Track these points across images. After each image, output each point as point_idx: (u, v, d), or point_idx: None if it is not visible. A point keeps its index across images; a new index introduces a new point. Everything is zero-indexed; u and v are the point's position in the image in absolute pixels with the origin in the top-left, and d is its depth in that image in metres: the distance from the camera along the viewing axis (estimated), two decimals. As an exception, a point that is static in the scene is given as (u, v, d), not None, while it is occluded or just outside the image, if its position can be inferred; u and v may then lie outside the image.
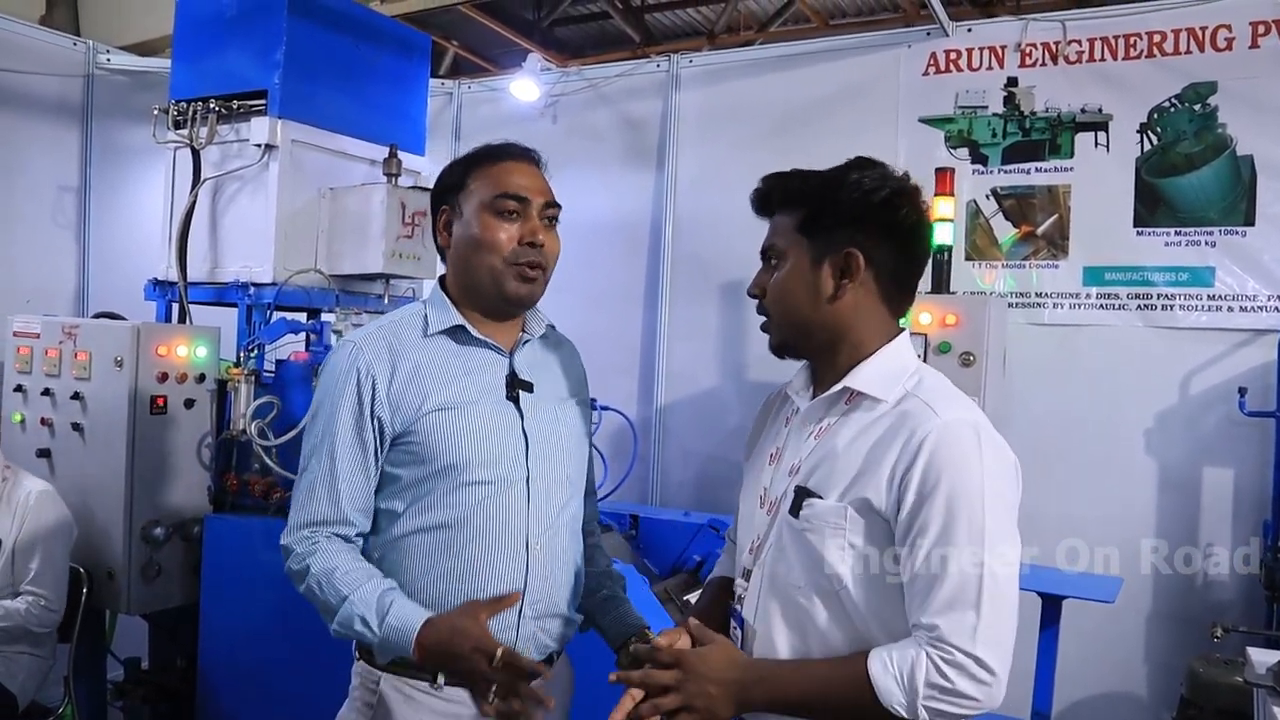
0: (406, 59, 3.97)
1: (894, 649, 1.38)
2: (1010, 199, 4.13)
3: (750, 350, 4.53)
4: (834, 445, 1.47)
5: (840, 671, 1.41)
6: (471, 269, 1.77)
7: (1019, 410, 3.82)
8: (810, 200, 1.50)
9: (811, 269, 1.49)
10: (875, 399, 1.46)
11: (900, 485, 1.38)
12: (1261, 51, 3.72)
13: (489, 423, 1.74)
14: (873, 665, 1.37)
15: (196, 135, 3.54)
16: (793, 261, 1.50)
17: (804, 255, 1.50)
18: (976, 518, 1.36)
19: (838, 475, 1.44)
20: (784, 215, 1.54)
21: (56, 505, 3.04)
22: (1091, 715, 3.91)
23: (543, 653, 1.80)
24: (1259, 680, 2.40)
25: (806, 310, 1.50)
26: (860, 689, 1.36)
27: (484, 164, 1.79)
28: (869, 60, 4.39)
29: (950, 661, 1.33)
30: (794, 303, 1.51)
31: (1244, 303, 3.75)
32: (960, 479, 1.36)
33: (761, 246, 1.57)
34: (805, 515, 1.46)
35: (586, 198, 4.73)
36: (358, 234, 3.50)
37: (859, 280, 1.48)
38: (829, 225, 1.48)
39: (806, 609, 1.46)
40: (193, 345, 3.31)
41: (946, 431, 1.38)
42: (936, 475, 1.36)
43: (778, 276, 1.52)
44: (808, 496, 1.46)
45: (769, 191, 1.56)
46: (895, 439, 1.41)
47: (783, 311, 1.53)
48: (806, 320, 1.51)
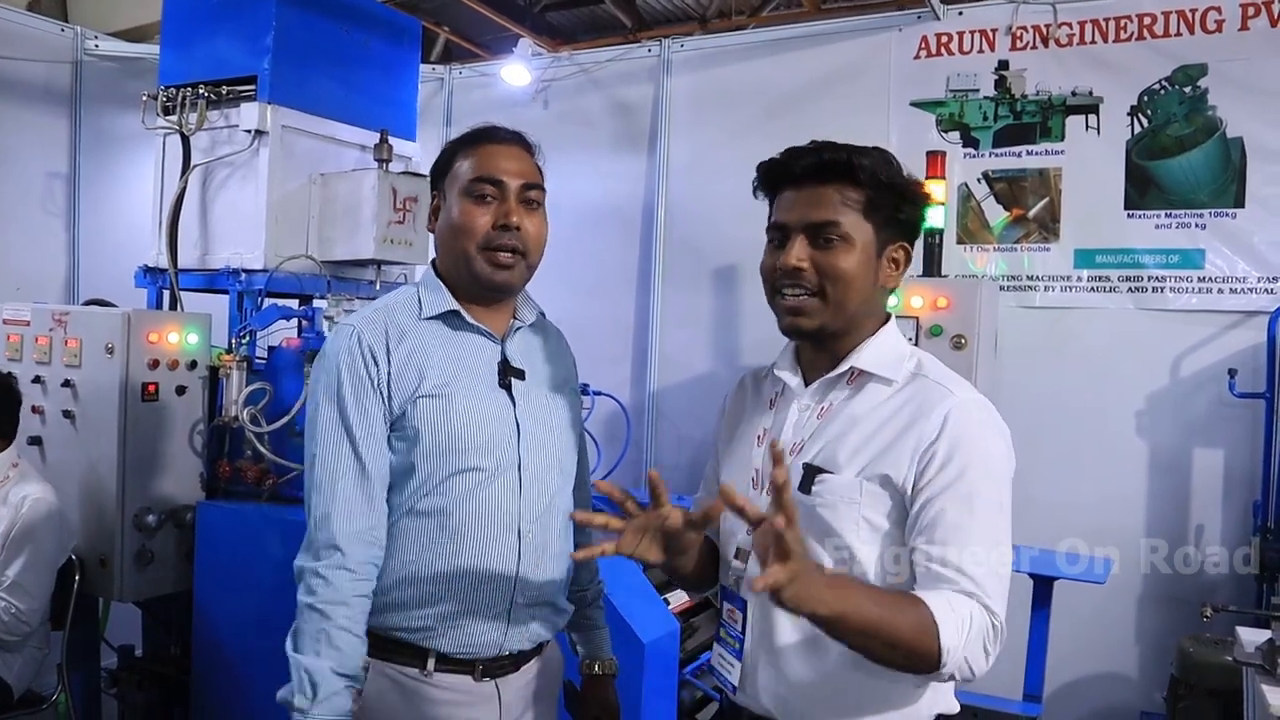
0: (397, 44, 3.94)
1: (947, 595, 1.36)
2: (1001, 182, 4.13)
3: (744, 335, 4.54)
4: (843, 423, 1.50)
5: (905, 601, 1.36)
6: (450, 253, 1.77)
7: (1010, 393, 3.83)
8: (878, 184, 1.49)
9: (875, 257, 1.51)
10: (885, 379, 1.50)
11: (924, 459, 1.42)
12: (1251, 33, 3.72)
13: (481, 409, 1.73)
14: (936, 602, 1.34)
15: (186, 121, 3.52)
16: (861, 246, 1.49)
17: (871, 242, 1.50)
18: (994, 493, 1.42)
19: (852, 451, 1.47)
20: (839, 190, 1.48)
21: (51, 513, 2.96)
22: (1083, 695, 3.94)
23: (534, 641, 1.80)
24: (1248, 659, 2.43)
25: (866, 296, 1.52)
26: (924, 624, 1.32)
27: (466, 147, 1.79)
28: (860, 44, 4.39)
29: (994, 625, 1.37)
30: (860, 287, 1.50)
31: (1234, 285, 3.76)
32: (980, 453, 1.43)
33: (810, 218, 1.49)
34: (817, 491, 1.47)
35: (578, 183, 4.73)
36: (349, 220, 3.49)
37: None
38: (895, 218, 1.51)
39: None
40: (184, 332, 3.30)
41: (964, 409, 1.44)
42: (958, 449, 1.41)
43: (846, 259, 1.48)
44: (818, 473, 1.48)
45: (842, 161, 1.48)
46: (916, 417, 1.45)
47: (846, 295, 1.49)
48: (861, 308, 1.52)
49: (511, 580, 1.73)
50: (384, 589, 1.72)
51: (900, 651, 1.33)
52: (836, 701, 1.49)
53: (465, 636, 1.72)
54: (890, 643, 1.32)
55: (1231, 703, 2.91)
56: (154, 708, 3.38)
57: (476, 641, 1.72)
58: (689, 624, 3.01)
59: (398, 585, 1.71)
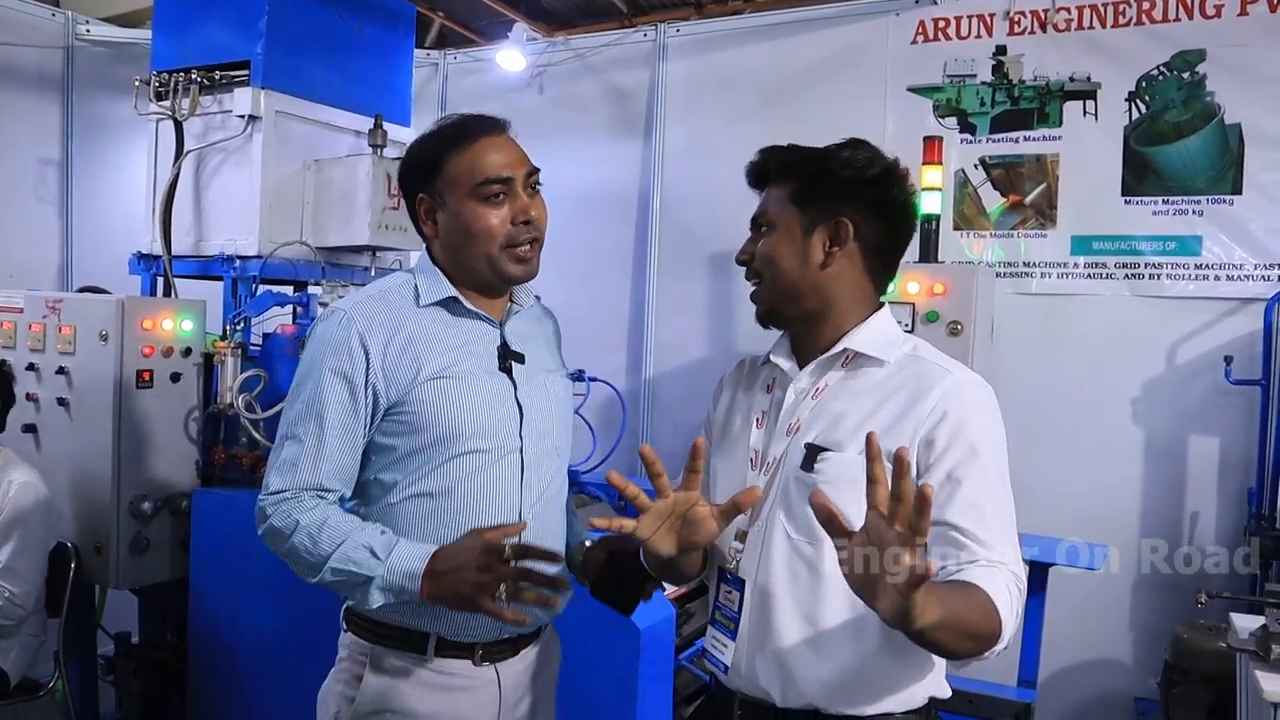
0: (391, 29, 3.92)
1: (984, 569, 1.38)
2: (998, 168, 4.12)
3: (739, 322, 4.53)
4: (842, 403, 1.53)
5: (968, 590, 1.35)
6: (467, 257, 1.75)
7: (1006, 379, 3.81)
8: (804, 172, 1.56)
9: (803, 236, 1.55)
10: (878, 360, 1.53)
11: (928, 436, 1.45)
12: (1250, 19, 3.70)
13: (483, 393, 1.73)
14: (985, 582, 1.35)
15: (179, 107, 3.50)
16: (783, 228, 1.56)
17: (795, 223, 1.55)
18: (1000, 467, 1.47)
19: (853, 430, 1.49)
20: (777, 186, 1.59)
21: (38, 497, 2.95)
22: (1077, 682, 3.95)
23: (533, 624, 1.81)
24: (1242, 645, 2.44)
25: (795, 275, 1.55)
26: (987, 607, 1.34)
27: (458, 147, 1.74)
28: (857, 28, 4.37)
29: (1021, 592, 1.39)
30: (784, 266, 1.55)
31: (1231, 271, 3.76)
32: (984, 430, 1.47)
33: (753, 216, 1.62)
34: (820, 469, 1.49)
35: (573, 169, 4.71)
36: (343, 206, 3.48)
37: (846, 250, 1.55)
38: (821, 196, 1.54)
39: (815, 562, 1.49)
40: (178, 319, 3.29)
41: (964, 389, 1.49)
42: (963, 425, 1.45)
43: (768, 242, 1.58)
44: (820, 451, 1.50)
45: (765, 163, 1.61)
46: (916, 396, 1.48)
47: (773, 275, 1.57)
48: (795, 285, 1.55)
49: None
50: (384, 573, 1.72)
51: (974, 641, 1.33)
52: (834, 681, 1.49)
53: (464, 620, 1.72)
54: (969, 634, 1.32)
55: (1225, 689, 2.93)
56: (151, 695, 3.39)
57: (475, 625, 1.73)
58: (684, 609, 3.01)
59: None
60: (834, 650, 1.49)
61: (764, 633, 1.53)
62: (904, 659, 1.48)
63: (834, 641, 1.48)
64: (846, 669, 1.49)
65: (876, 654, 1.48)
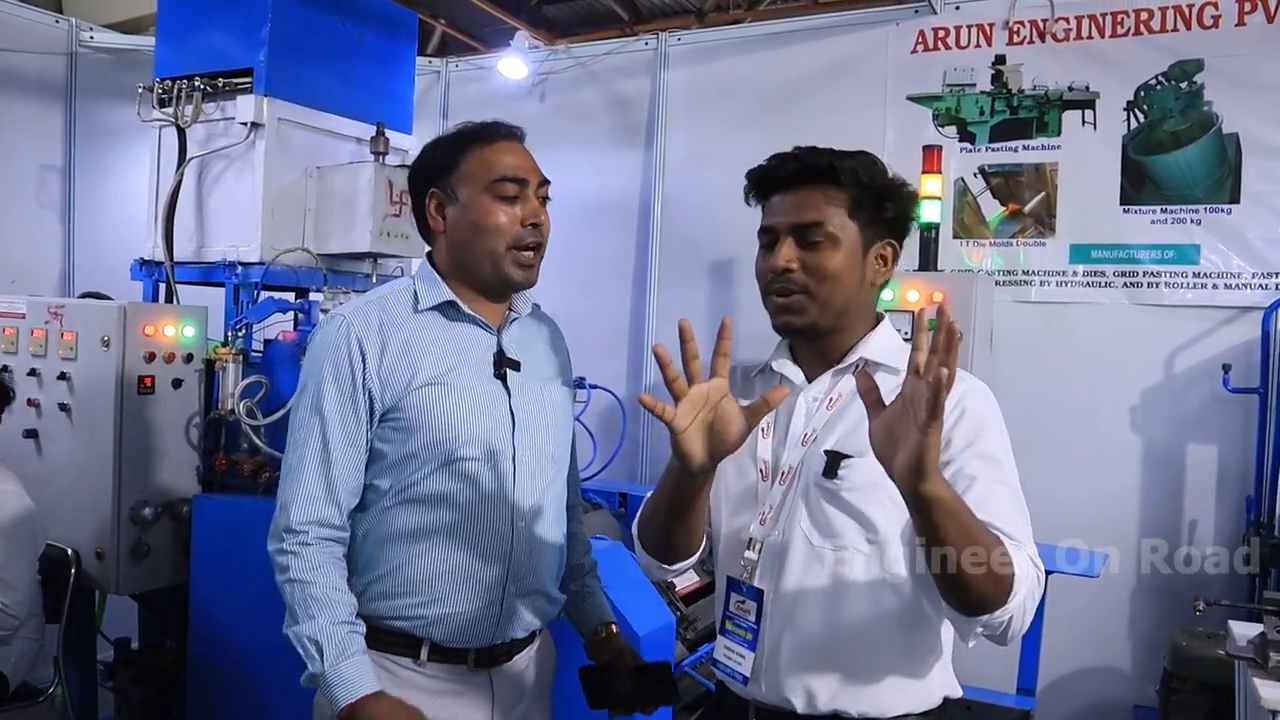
0: (393, 36, 3.93)
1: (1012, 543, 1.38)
2: (998, 177, 4.14)
3: (739, 329, 4.41)
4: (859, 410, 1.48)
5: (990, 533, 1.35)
6: (472, 253, 1.77)
7: (1005, 387, 3.77)
8: (870, 189, 1.55)
9: (862, 255, 1.55)
10: (892, 368, 1.55)
11: (947, 434, 1.44)
12: (1247, 29, 3.73)
13: (477, 400, 1.74)
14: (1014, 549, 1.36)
15: (182, 114, 3.51)
16: (847, 245, 1.54)
17: (856, 240, 1.55)
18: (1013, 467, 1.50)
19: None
20: (821, 192, 1.54)
21: (21, 505, 2.92)
22: (1076, 689, 3.95)
23: (526, 629, 1.82)
24: (1240, 653, 2.44)
25: (853, 294, 1.56)
26: (1002, 547, 1.34)
27: (476, 145, 1.78)
28: (857, 38, 4.39)
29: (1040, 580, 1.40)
30: (847, 283, 1.55)
31: (1229, 280, 3.77)
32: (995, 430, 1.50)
33: (795, 220, 1.54)
34: (844, 475, 1.50)
35: (575, 177, 4.72)
36: (345, 213, 3.48)
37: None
38: (880, 217, 1.55)
39: (837, 568, 1.50)
40: (180, 325, 3.29)
41: (975, 393, 1.52)
42: (979, 426, 1.48)
43: (832, 258, 1.53)
44: (843, 458, 1.51)
45: (824, 165, 1.54)
46: None
47: (832, 293, 1.54)
48: (851, 304, 1.56)
49: (504, 569, 1.74)
50: (377, 577, 1.73)
51: (983, 569, 1.30)
52: (857, 686, 1.51)
53: (458, 625, 1.73)
54: (973, 540, 1.30)
55: (1224, 696, 2.93)
56: (150, 701, 3.39)
57: (469, 630, 1.74)
58: (685, 615, 3.01)
59: (390, 574, 1.73)
60: (856, 655, 1.51)
61: (786, 641, 1.54)
62: (920, 656, 1.51)
63: (856, 646, 1.50)
64: (868, 672, 1.51)
65: (896, 655, 1.51)
